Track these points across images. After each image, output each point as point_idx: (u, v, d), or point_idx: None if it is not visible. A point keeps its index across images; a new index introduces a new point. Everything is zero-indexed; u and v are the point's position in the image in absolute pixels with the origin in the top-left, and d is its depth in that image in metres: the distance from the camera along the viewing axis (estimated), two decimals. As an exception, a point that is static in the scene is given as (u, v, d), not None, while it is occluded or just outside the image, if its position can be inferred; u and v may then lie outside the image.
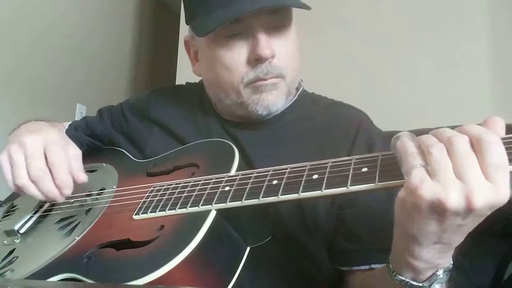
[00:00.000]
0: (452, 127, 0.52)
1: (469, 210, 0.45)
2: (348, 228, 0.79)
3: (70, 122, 1.09)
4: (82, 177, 0.78)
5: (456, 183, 0.45)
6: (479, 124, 0.50)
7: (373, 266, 0.75)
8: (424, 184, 0.46)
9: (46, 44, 2.00)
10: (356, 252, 0.77)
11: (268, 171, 0.63)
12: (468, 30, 1.67)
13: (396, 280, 0.58)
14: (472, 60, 1.64)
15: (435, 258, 0.53)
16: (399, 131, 0.53)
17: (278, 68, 0.80)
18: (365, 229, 0.78)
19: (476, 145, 0.46)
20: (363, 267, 0.76)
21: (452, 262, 0.56)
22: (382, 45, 1.78)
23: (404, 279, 0.57)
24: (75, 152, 0.81)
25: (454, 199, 0.45)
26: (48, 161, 0.74)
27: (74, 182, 0.77)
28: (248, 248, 0.68)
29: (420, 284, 0.56)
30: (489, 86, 1.61)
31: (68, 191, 0.75)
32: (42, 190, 0.74)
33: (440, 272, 0.55)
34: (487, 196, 0.45)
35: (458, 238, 0.52)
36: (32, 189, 0.74)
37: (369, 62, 1.79)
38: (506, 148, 0.46)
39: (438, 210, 0.46)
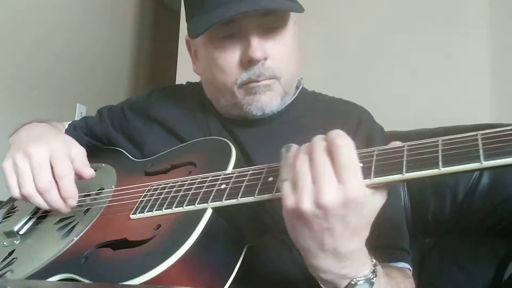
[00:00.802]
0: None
1: (322, 210, 0.50)
2: None
3: (69, 122, 1.10)
4: (90, 172, 0.79)
5: (309, 188, 0.51)
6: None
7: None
8: (287, 196, 0.52)
9: (46, 44, 2.01)
10: None
11: (264, 168, 0.63)
12: (468, 30, 1.66)
13: None
14: (472, 60, 1.64)
15: (337, 268, 0.55)
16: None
17: (271, 69, 0.80)
18: None
19: (329, 149, 0.51)
20: None
21: (372, 270, 0.57)
22: (382, 45, 1.78)
23: None
24: (79, 150, 0.80)
25: (305, 203, 0.50)
26: (55, 173, 0.74)
27: (82, 178, 0.78)
28: (246, 246, 0.68)
29: None
30: (489, 86, 1.61)
31: (74, 202, 0.75)
32: (48, 201, 0.74)
33: (357, 280, 0.56)
34: (336, 195, 0.49)
35: (341, 244, 0.53)
36: (38, 200, 0.74)
37: (368, 62, 1.79)
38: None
39: (299, 216, 0.51)
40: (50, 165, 0.75)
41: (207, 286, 0.61)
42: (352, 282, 0.55)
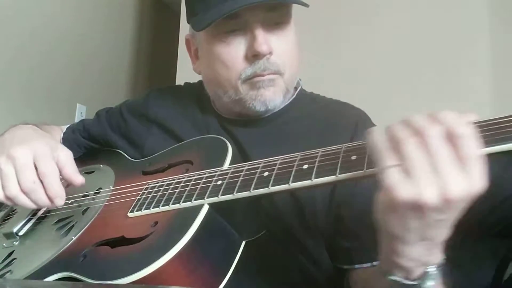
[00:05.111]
0: None
1: (446, 204, 0.46)
2: (347, 226, 0.78)
3: (68, 125, 1.10)
4: (80, 179, 0.76)
5: (430, 179, 0.46)
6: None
7: (375, 263, 0.74)
8: (398, 185, 0.46)
9: (45, 44, 2.01)
10: (357, 250, 0.77)
11: (260, 163, 0.63)
12: (468, 30, 1.66)
13: (389, 280, 0.57)
14: (472, 61, 1.64)
15: (423, 255, 0.53)
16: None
17: (275, 64, 0.80)
18: (364, 227, 0.76)
19: (449, 137, 0.46)
20: (365, 265, 0.75)
21: (444, 258, 0.55)
22: (381, 46, 1.78)
23: (396, 278, 0.56)
24: (66, 155, 0.78)
25: (430, 196, 0.45)
26: (39, 172, 0.73)
27: (72, 185, 0.77)
28: (244, 243, 0.68)
29: (413, 283, 0.55)
30: (489, 86, 1.60)
31: (61, 201, 0.74)
32: (34, 201, 0.73)
33: (431, 269, 0.54)
34: (463, 188, 0.45)
35: (442, 233, 0.51)
36: (23, 200, 0.73)
37: (368, 63, 1.79)
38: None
39: (415, 208, 0.47)
40: (35, 167, 0.74)
41: (205, 282, 0.61)
42: (428, 270, 0.54)
